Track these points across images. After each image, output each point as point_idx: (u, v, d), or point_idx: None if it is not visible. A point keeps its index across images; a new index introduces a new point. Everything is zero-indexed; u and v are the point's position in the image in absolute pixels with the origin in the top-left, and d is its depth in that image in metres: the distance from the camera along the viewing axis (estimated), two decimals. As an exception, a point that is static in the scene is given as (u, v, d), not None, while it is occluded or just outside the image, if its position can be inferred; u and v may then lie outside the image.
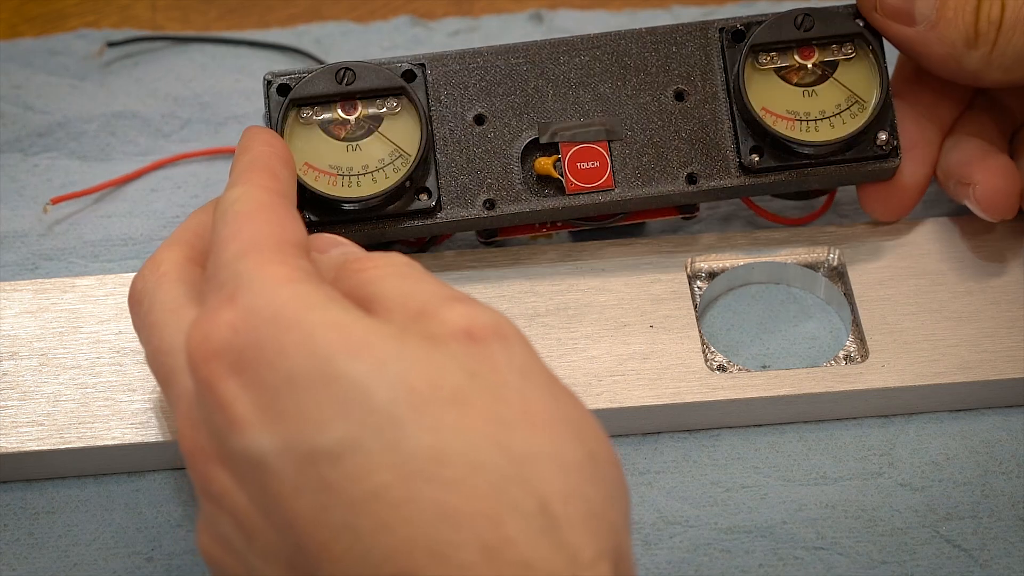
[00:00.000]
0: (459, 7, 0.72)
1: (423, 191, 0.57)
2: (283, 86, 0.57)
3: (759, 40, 0.58)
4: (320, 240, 0.48)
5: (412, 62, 0.58)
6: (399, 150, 0.57)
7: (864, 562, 0.54)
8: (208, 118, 0.67)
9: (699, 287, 0.60)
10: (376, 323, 0.42)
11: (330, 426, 0.40)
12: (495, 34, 0.70)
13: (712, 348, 0.58)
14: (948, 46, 0.55)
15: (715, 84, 0.58)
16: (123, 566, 0.54)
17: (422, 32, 0.70)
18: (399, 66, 0.57)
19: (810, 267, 0.60)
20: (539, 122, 0.58)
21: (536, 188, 0.58)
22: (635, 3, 0.72)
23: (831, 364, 0.58)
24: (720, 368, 0.57)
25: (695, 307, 0.58)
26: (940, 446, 0.57)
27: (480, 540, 0.39)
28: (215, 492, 0.43)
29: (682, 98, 0.58)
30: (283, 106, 0.57)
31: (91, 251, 0.62)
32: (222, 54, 0.69)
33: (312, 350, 0.41)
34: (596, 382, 0.56)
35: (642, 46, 0.58)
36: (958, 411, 0.58)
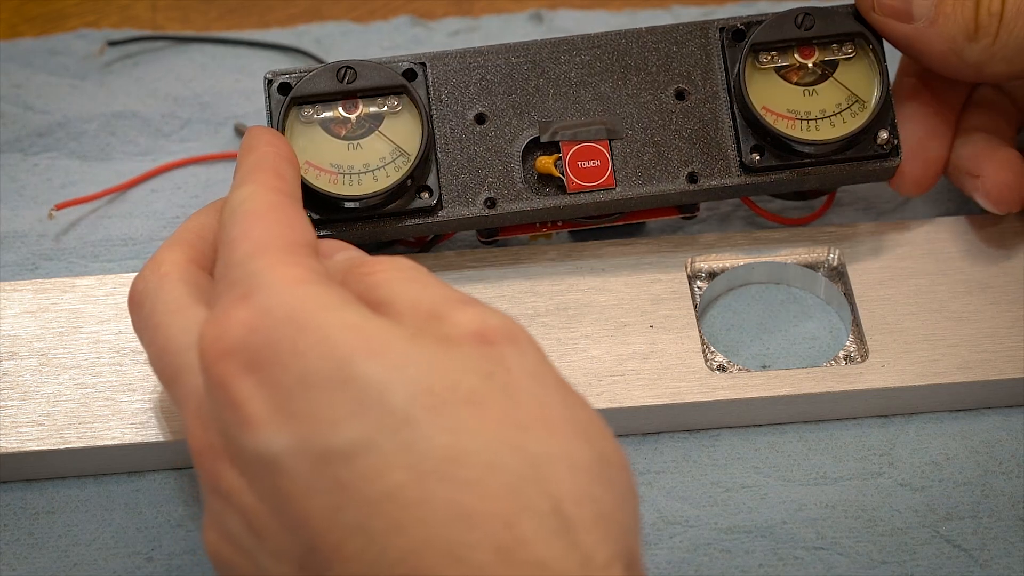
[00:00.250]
0: (459, 7, 0.72)
1: (424, 189, 0.57)
2: (284, 85, 0.57)
3: (759, 39, 0.58)
4: (324, 245, 0.48)
5: (413, 61, 0.58)
6: (400, 149, 0.57)
7: (864, 562, 0.54)
8: (208, 118, 0.67)
9: (699, 287, 0.60)
10: (391, 325, 0.42)
11: (345, 426, 0.40)
12: (495, 34, 0.70)
13: (712, 348, 0.58)
14: (948, 41, 0.55)
15: (716, 83, 0.58)
16: (123, 566, 0.54)
17: (422, 32, 0.70)
18: (400, 65, 0.57)
19: (810, 267, 0.60)
20: (540, 121, 0.58)
21: (537, 187, 0.58)
22: (635, 3, 0.72)
23: (831, 364, 0.58)
24: (720, 368, 0.57)
25: (695, 307, 0.58)
26: (940, 446, 0.57)
27: (494, 540, 0.39)
28: (224, 490, 0.43)
29: (683, 97, 0.58)
30: (284, 105, 0.56)
31: (91, 251, 0.62)
32: (222, 54, 0.69)
33: (328, 351, 0.41)
34: (596, 382, 0.56)
35: (643, 45, 0.58)
36: (958, 411, 0.58)
